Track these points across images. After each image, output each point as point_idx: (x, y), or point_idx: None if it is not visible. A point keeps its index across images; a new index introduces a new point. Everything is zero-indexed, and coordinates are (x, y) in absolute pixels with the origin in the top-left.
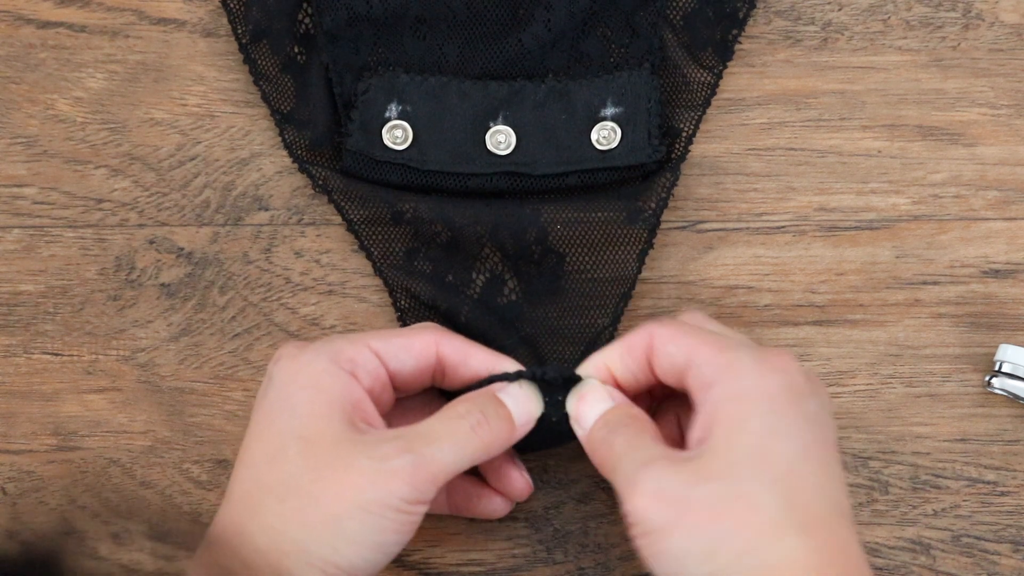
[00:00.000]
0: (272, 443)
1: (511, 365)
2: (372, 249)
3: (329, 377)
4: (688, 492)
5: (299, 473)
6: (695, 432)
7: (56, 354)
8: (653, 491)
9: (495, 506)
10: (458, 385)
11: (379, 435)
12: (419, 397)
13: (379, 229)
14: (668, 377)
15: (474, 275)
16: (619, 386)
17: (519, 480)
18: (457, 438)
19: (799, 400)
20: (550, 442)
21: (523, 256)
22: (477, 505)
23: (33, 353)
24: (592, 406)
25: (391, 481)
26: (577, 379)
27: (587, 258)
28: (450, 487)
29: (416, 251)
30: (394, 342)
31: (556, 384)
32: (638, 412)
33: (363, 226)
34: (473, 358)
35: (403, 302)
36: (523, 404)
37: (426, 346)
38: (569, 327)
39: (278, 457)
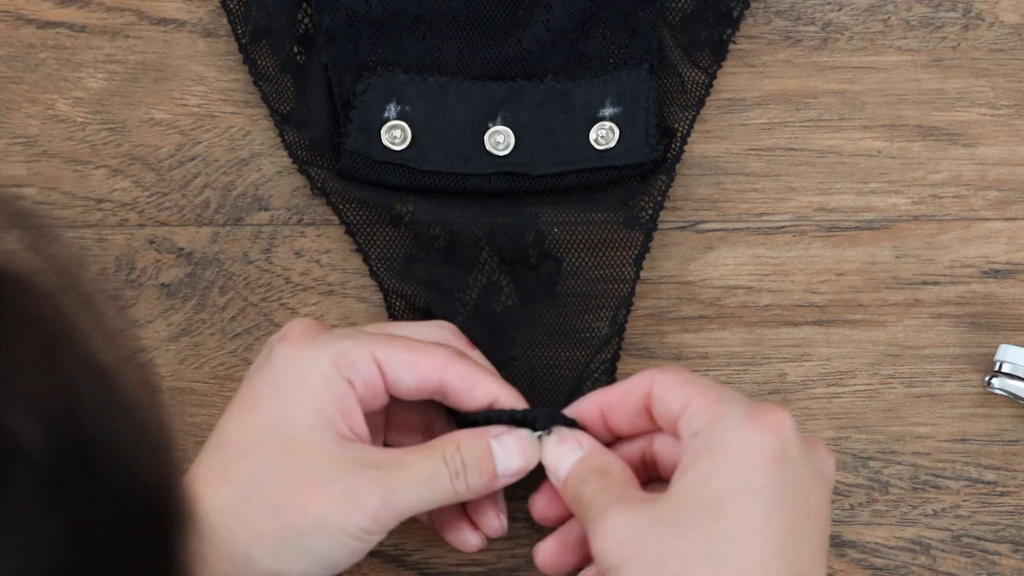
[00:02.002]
0: (250, 431)
1: (513, 399)
2: (369, 251)
3: (325, 382)
4: (639, 535)
5: (268, 476)
6: (672, 478)
7: None
8: (607, 532)
9: (467, 539)
10: (459, 408)
11: (359, 456)
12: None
13: (377, 232)
14: (664, 423)
15: (471, 280)
16: (610, 429)
17: (494, 520)
18: (432, 484)
19: (782, 463)
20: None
21: (520, 261)
22: (450, 533)
23: None
24: (564, 456)
25: (356, 512)
26: (570, 423)
27: (584, 259)
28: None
29: (414, 257)
30: (400, 356)
31: (545, 428)
32: (607, 460)
33: (361, 229)
34: (479, 388)
35: (397, 306)
36: (514, 458)
37: (431, 369)
38: (566, 328)
39: (252, 450)
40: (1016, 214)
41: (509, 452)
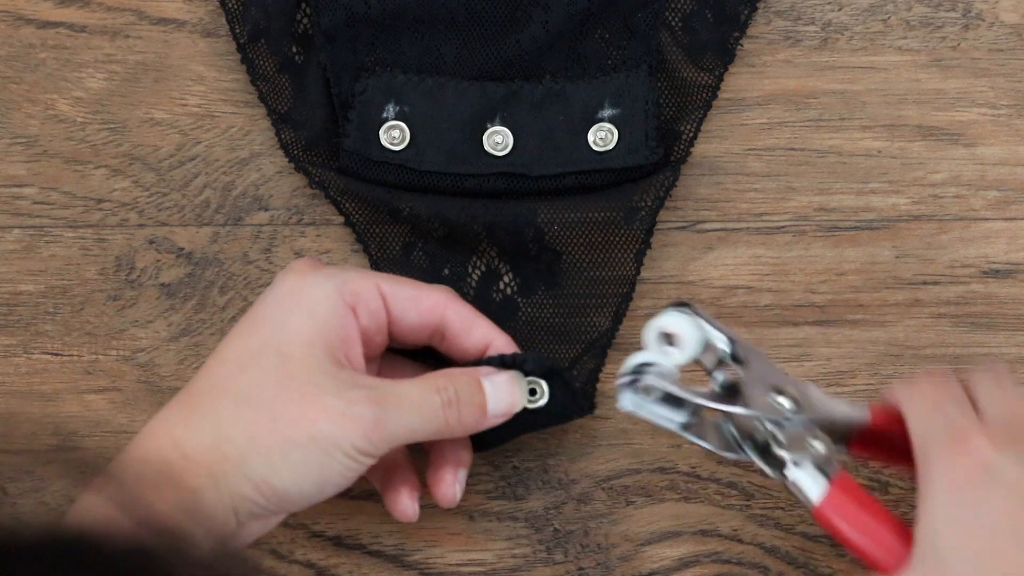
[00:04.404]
0: (250, 348)
1: (508, 344)
2: (368, 242)
3: (328, 305)
4: None
5: (265, 385)
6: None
7: (56, 354)
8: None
9: (405, 507)
10: (455, 353)
11: (354, 378)
12: (409, 355)
13: (376, 223)
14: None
15: (470, 268)
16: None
17: (450, 488)
18: (424, 411)
19: (985, 487)
20: (517, 432)
21: (520, 252)
22: (390, 496)
23: (33, 353)
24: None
25: (349, 426)
26: (560, 371)
27: (584, 257)
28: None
29: (413, 245)
30: (404, 290)
31: (534, 372)
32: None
33: (361, 222)
34: (476, 330)
35: None
36: (503, 397)
37: (434, 305)
38: (567, 327)
39: (251, 363)
40: (1016, 214)
41: (499, 390)
